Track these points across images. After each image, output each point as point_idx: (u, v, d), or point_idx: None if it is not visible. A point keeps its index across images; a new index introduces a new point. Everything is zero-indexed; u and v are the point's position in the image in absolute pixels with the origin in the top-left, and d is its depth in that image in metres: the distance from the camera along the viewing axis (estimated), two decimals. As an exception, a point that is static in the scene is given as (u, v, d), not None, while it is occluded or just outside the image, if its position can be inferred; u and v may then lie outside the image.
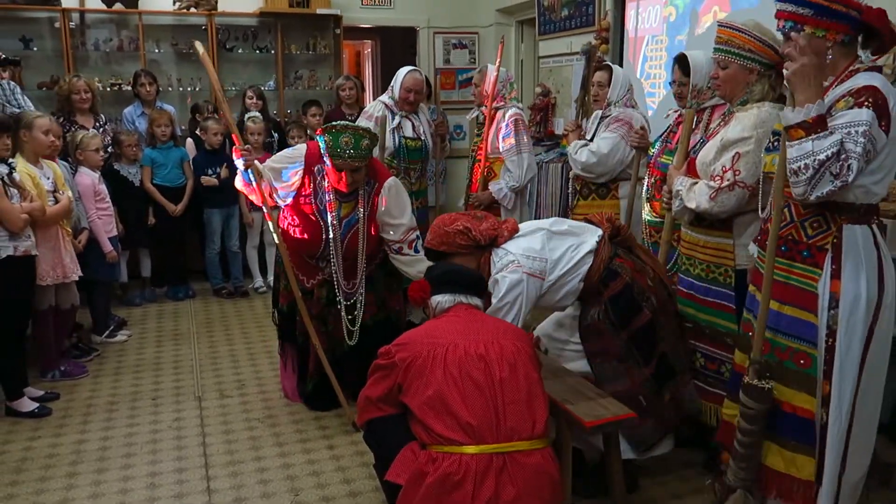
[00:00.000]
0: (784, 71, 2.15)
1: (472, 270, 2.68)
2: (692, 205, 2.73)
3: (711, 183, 2.69)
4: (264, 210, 3.47)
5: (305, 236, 3.42)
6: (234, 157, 3.32)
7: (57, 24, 6.04)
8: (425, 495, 2.11)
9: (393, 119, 4.46)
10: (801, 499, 2.25)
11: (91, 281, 4.54)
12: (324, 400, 3.65)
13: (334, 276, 3.45)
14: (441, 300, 2.51)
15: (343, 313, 3.48)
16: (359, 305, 3.51)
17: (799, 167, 2.05)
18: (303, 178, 3.38)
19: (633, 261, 2.78)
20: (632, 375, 2.72)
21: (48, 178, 3.85)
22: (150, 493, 2.97)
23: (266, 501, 2.91)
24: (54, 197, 3.87)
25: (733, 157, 2.64)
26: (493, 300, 2.67)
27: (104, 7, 6.19)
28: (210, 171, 5.52)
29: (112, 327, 4.82)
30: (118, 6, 6.20)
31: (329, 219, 3.37)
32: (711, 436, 2.90)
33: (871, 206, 2.18)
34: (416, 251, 3.47)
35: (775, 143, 2.37)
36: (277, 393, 3.91)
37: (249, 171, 3.30)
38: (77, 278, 4.05)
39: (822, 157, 2.00)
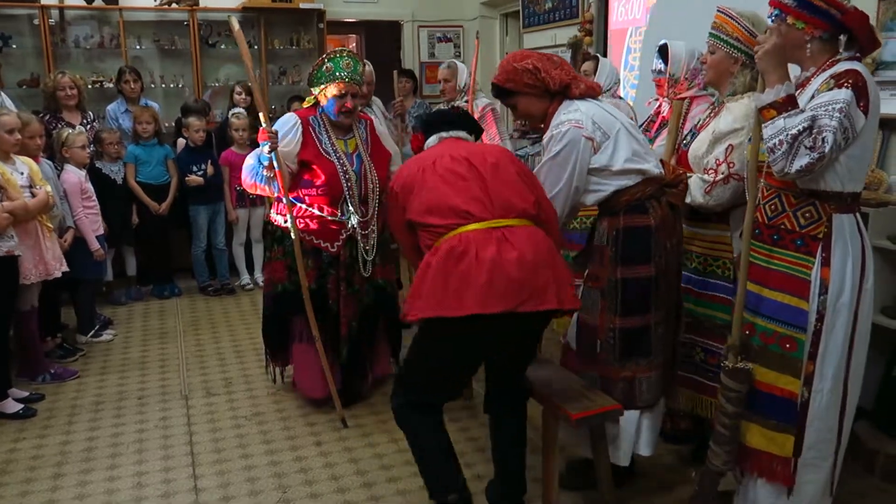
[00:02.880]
0: (755, 50, 2.22)
1: (459, 112, 2.84)
2: (686, 199, 2.73)
3: (706, 177, 2.69)
4: (284, 201, 3.39)
5: (323, 180, 3.40)
6: (260, 138, 3.27)
7: (36, 21, 5.99)
8: (435, 274, 2.28)
9: None
10: (781, 475, 2.31)
11: (76, 280, 4.50)
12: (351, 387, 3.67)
13: (351, 214, 3.46)
14: (430, 141, 2.68)
15: (360, 244, 3.52)
16: (372, 237, 3.57)
17: (774, 144, 2.11)
18: (303, 134, 3.42)
19: (667, 218, 2.64)
20: (602, 316, 2.61)
21: (22, 174, 3.81)
22: (137, 493, 2.96)
23: (254, 499, 2.90)
24: (30, 192, 3.82)
25: (726, 149, 2.64)
26: (545, 156, 2.60)
27: (84, 3, 6.13)
28: (195, 169, 5.49)
29: (97, 326, 4.79)
30: (98, 3, 6.14)
31: (337, 153, 3.46)
32: (704, 429, 2.92)
33: (856, 195, 2.24)
34: None
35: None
36: (265, 391, 3.90)
37: (273, 154, 3.26)
38: (60, 275, 4.01)
39: (793, 131, 2.07)
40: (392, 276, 3.82)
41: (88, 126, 5.27)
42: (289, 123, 3.43)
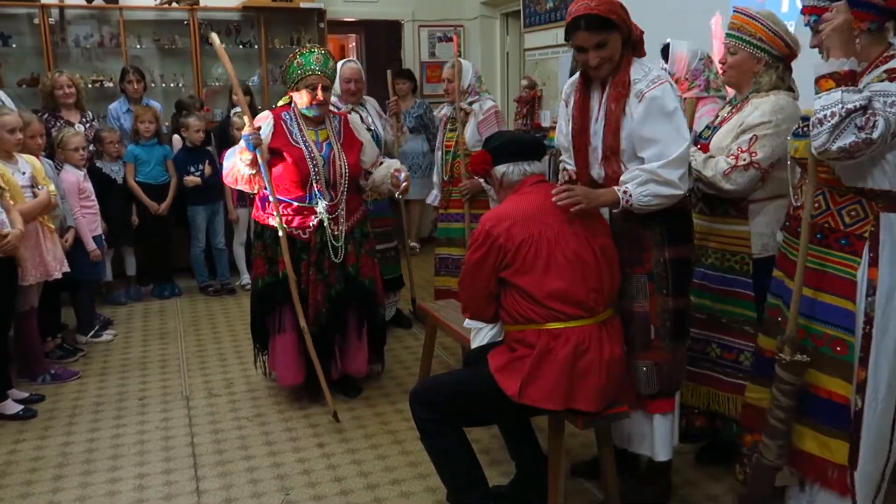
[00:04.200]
0: (820, 34, 2.14)
1: (528, 136, 2.80)
2: (709, 172, 2.68)
3: (728, 160, 2.66)
4: (270, 199, 3.47)
5: (289, 162, 3.51)
6: (245, 132, 3.38)
7: (36, 21, 5.96)
8: (562, 368, 2.34)
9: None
10: (836, 482, 2.26)
11: (75, 280, 4.48)
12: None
13: (319, 198, 3.55)
14: (506, 171, 2.57)
15: (328, 230, 3.57)
16: (341, 220, 3.62)
17: (825, 115, 2.02)
18: (274, 126, 3.57)
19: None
20: (653, 299, 2.57)
21: (24, 173, 3.79)
22: (139, 495, 2.94)
23: (256, 501, 2.88)
24: (32, 192, 3.81)
25: (750, 139, 2.61)
26: (649, 112, 2.44)
27: (84, 3, 6.11)
28: (192, 169, 5.47)
29: (97, 327, 4.77)
30: (99, 2, 6.12)
31: (308, 141, 3.58)
32: (719, 427, 2.91)
33: None
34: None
35: (805, 129, 2.32)
36: (266, 391, 3.88)
37: (258, 150, 3.39)
38: (61, 275, 3.99)
39: (850, 105, 1.98)
40: (372, 273, 3.80)
41: (88, 125, 5.26)
42: (263, 116, 3.65)
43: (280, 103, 3.73)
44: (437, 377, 2.77)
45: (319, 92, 3.51)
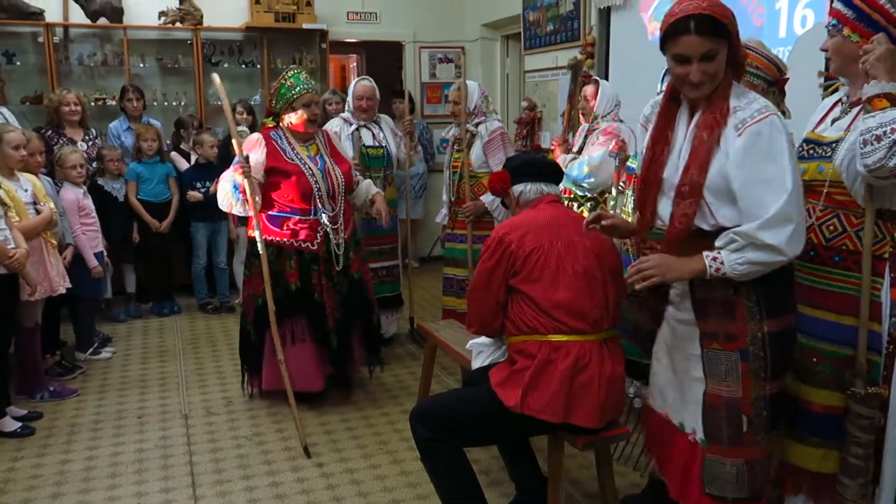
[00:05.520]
0: (862, 62, 2.14)
1: (548, 160, 2.82)
2: None
3: None
4: (253, 214, 3.54)
5: (292, 181, 3.66)
6: (234, 171, 3.55)
7: (40, 39, 5.99)
8: (561, 379, 2.34)
9: (348, 128, 4.59)
10: (828, 496, 2.28)
11: (75, 297, 4.49)
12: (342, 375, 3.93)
13: (322, 210, 3.71)
14: (524, 189, 2.63)
15: (331, 237, 3.74)
16: (341, 231, 3.78)
17: (882, 132, 2.00)
18: (266, 146, 3.70)
19: None
20: (747, 382, 2.12)
21: (26, 191, 3.82)
22: (137, 514, 2.93)
23: (255, 521, 2.88)
24: (35, 209, 3.83)
25: None
26: (742, 148, 2.02)
27: (88, 22, 6.16)
28: (199, 185, 5.51)
29: (96, 344, 4.77)
30: (103, 21, 6.17)
31: (303, 157, 3.73)
32: None
33: None
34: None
35: (810, 152, 2.34)
36: (265, 410, 3.87)
37: (245, 180, 3.50)
38: (65, 291, 4.00)
39: None
40: (368, 277, 4.08)
41: (90, 143, 5.29)
42: (254, 140, 3.77)
43: (268, 123, 3.86)
44: (437, 396, 2.78)
45: (314, 107, 3.75)
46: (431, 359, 3.76)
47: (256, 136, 3.80)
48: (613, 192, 3.92)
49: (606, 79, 5.19)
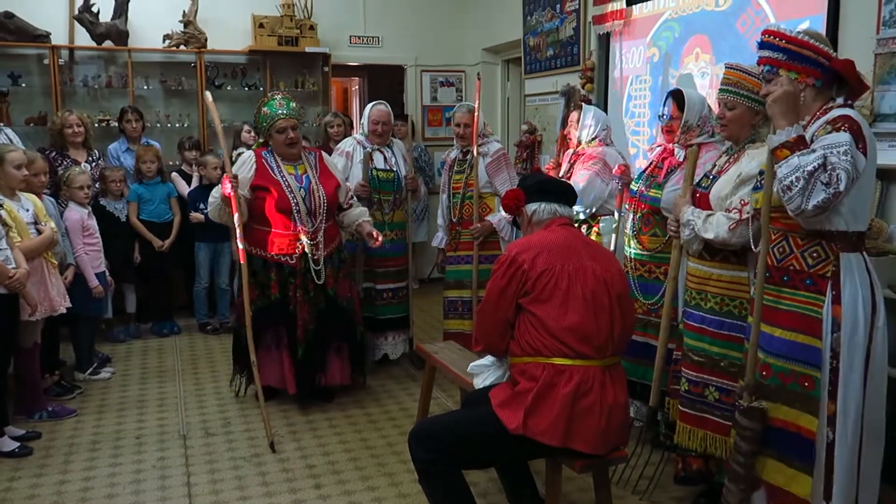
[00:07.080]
0: (766, 102, 2.35)
1: (563, 181, 2.86)
2: (709, 235, 2.74)
3: (731, 215, 2.72)
4: (238, 234, 3.77)
5: (273, 196, 3.92)
6: (223, 182, 3.73)
7: (46, 61, 6.06)
8: (563, 403, 2.37)
9: (362, 151, 4.64)
10: None
11: (75, 316, 4.50)
12: (309, 379, 4.07)
13: (301, 227, 3.95)
14: (537, 209, 2.66)
15: (308, 254, 3.96)
16: (320, 246, 4.01)
17: (791, 181, 2.19)
18: (255, 163, 3.98)
19: None
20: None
21: (27, 211, 3.84)
22: (133, 535, 2.92)
23: (252, 543, 2.86)
24: (36, 229, 3.85)
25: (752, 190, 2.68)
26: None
27: (94, 44, 6.22)
28: (202, 206, 5.53)
29: (95, 364, 4.77)
30: (108, 43, 6.23)
31: (286, 175, 3.99)
32: (713, 471, 2.93)
33: (860, 234, 2.32)
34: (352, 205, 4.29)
35: (761, 182, 2.50)
36: (263, 431, 3.86)
37: (234, 192, 3.72)
38: (65, 310, 4.01)
39: (809, 168, 2.15)
40: (349, 294, 4.21)
41: (94, 164, 5.33)
42: (245, 156, 4.06)
43: (262, 142, 4.16)
44: (436, 417, 2.78)
45: (290, 132, 3.96)
46: (430, 380, 3.76)
47: (249, 154, 4.07)
48: (616, 214, 3.95)
49: (605, 103, 5.24)
